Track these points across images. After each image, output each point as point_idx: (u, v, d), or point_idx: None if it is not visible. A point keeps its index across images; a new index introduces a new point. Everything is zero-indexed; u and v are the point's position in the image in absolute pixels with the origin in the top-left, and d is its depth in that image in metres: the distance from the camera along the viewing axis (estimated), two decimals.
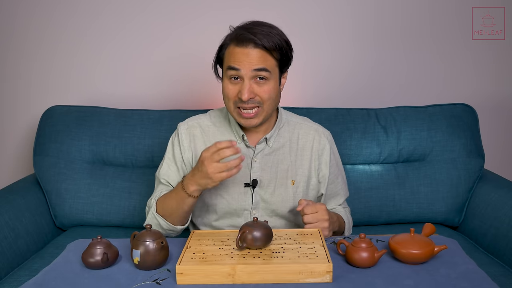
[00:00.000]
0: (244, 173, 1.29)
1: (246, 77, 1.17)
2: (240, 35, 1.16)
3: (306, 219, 1.16)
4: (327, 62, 1.98)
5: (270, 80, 1.19)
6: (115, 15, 1.93)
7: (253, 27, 1.17)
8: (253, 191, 1.29)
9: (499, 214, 1.52)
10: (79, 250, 1.05)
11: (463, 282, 0.93)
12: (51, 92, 1.99)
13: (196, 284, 0.93)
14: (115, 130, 1.73)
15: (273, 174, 1.30)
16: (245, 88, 1.17)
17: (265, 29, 1.17)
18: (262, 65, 1.16)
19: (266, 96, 1.19)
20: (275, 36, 1.17)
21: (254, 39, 1.15)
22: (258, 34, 1.15)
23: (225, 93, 1.22)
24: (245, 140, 1.29)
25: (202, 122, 1.34)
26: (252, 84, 1.18)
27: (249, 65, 1.16)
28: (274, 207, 1.30)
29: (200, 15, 1.92)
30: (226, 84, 1.21)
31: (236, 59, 1.17)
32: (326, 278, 0.94)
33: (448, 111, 1.75)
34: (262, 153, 1.30)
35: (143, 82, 1.99)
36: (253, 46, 1.16)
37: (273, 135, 1.30)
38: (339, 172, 1.40)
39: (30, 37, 1.95)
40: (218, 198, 1.30)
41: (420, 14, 1.95)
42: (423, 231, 1.08)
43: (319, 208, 1.17)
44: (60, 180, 1.69)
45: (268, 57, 1.18)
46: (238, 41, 1.17)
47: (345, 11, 1.94)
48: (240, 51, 1.16)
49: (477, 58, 1.99)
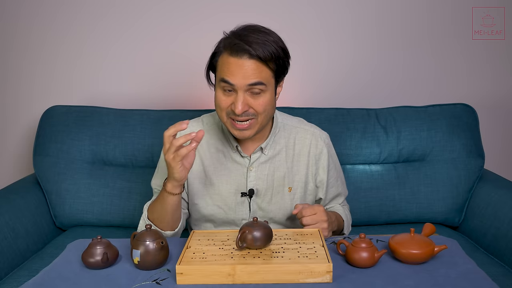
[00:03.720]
0: (240, 183, 1.27)
1: (240, 90, 1.12)
2: (234, 45, 1.11)
3: (305, 221, 1.14)
4: (327, 62, 1.98)
5: (265, 92, 1.14)
6: (117, 16, 1.93)
7: (248, 34, 1.11)
8: (250, 201, 1.28)
9: (499, 214, 1.52)
10: (79, 250, 1.05)
11: (463, 282, 0.93)
12: (52, 92, 1.99)
13: (196, 284, 0.93)
14: (115, 130, 1.73)
15: (269, 182, 1.28)
16: (238, 101, 1.11)
17: (260, 37, 1.11)
18: (257, 79, 1.11)
19: (261, 109, 1.14)
20: (271, 44, 1.11)
21: (249, 49, 1.09)
22: (253, 44, 1.09)
23: (217, 103, 1.17)
24: (239, 150, 1.26)
25: (195, 129, 1.29)
26: (246, 96, 1.13)
27: (243, 79, 1.10)
28: (272, 215, 1.29)
29: (200, 17, 1.92)
30: (219, 94, 1.16)
31: (230, 70, 1.11)
32: (326, 278, 0.94)
33: (448, 111, 1.75)
34: (258, 162, 1.27)
35: (143, 82, 1.99)
36: (248, 57, 1.10)
37: (269, 142, 1.27)
38: (338, 175, 1.39)
39: (32, 37, 1.95)
40: (216, 208, 1.28)
41: (419, 14, 1.95)
42: (423, 231, 1.08)
43: (317, 209, 1.15)
44: (60, 180, 1.69)
45: (264, 68, 1.12)
46: (232, 51, 1.11)
47: (345, 11, 1.94)
48: (234, 62, 1.11)
49: (477, 58, 1.99)
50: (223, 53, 1.14)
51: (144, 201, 1.61)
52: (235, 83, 1.11)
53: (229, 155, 1.28)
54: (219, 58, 1.16)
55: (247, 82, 1.11)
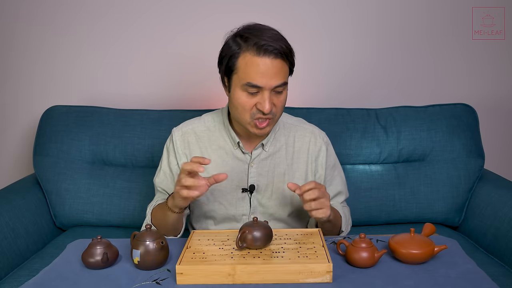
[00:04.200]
0: (241, 179, 1.28)
1: (267, 90, 1.13)
2: (260, 45, 1.10)
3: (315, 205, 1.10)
4: (327, 62, 1.98)
5: (285, 90, 1.18)
6: (116, 16, 1.93)
7: (262, 33, 1.12)
8: (251, 196, 1.29)
9: (499, 214, 1.52)
10: (79, 250, 1.05)
11: (463, 282, 0.93)
12: (51, 92, 1.99)
13: (196, 284, 0.93)
14: (115, 130, 1.73)
15: (270, 179, 1.29)
16: (266, 101, 1.13)
17: (276, 35, 1.13)
18: (283, 80, 1.14)
19: (282, 105, 1.18)
20: (285, 40, 1.15)
21: (277, 48, 1.11)
22: (276, 43, 1.11)
23: (241, 105, 1.16)
24: (241, 146, 1.28)
25: (197, 128, 1.32)
26: (271, 95, 1.15)
27: (271, 80, 1.12)
28: (272, 211, 1.30)
29: (200, 17, 1.92)
30: (241, 96, 1.15)
31: (256, 72, 1.11)
32: (326, 278, 0.94)
33: (448, 111, 1.75)
34: (258, 158, 1.29)
35: (143, 82, 1.99)
36: (274, 56, 1.11)
37: (269, 139, 1.29)
38: (338, 173, 1.39)
39: (31, 37, 1.95)
40: (216, 204, 1.30)
41: (419, 14, 1.95)
42: (423, 231, 1.08)
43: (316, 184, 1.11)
44: (60, 180, 1.69)
45: (285, 65, 1.15)
46: (260, 51, 1.11)
47: (345, 11, 1.94)
48: (261, 62, 1.11)
49: (477, 58, 1.99)
50: (246, 54, 1.13)
51: (144, 201, 1.62)
52: (263, 85, 1.13)
53: (231, 152, 1.29)
54: (239, 59, 1.14)
55: (275, 83, 1.13)
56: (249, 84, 1.13)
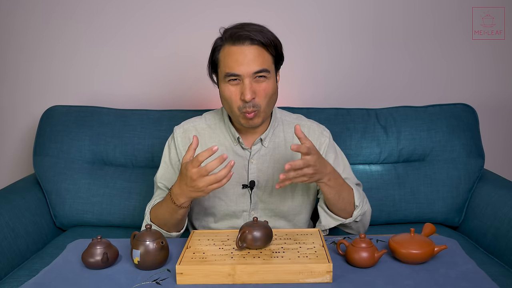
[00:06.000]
0: (241, 175, 1.29)
1: (246, 78, 1.16)
2: (235, 34, 1.16)
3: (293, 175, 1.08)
4: (327, 62, 1.98)
5: (269, 79, 1.19)
6: (115, 15, 1.93)
7: (244, 25, 1.18)
8: (251, 192, 1.29)
9: (499, 214, 1.52)
10: (79, 250, 1.06)
11: (463, 282, 0.93)
12: (51, 92, 1.99)
13: (196, 284, 0.94)
14: (115, 130, 1.73)
15: (270, 174, 1.30)
16: (246, 88, 1.15)
17: (257, 27, 1.18)
18: (261, 67, 1.16)
19: (267, 94, 1.18)
20: (268, 32, 1.18)
21: (249, 35, 1.14)
22: (252, 31, 1.15)
23: (227, 97, 1.19)
24: (241, 142, 1.29)
25: (198, 125, 1.34)
26: (252, 83, 1.16)
27: (248, 66, 1.15)
28: (273, 206, 1.31)
29: (200, 15, 1.92)
30: (225, 87, 1.19)
31: (234, 60, 1.15)
32: (326, 278, 0.94)
33: (448, 111, 1.75)
34: (258, 154, 1.30)
35: (143, 82, 1.99)
36: (250, 43, 1.15)
37: (268, 135, 1.30)
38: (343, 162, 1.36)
39: (29, 37, 1.95)
40: (216, 200, 1.30)
41: (419, 14, 1.95)
42: (423, 231, 1.08)
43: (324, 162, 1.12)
44: (60, 180, 1.69)
45: (266, 54, 1.18)
46: (234, 40, 1.16)
47: (344, 11, 1.94)
48: (237, 50, 1.15)
49: (477, 58, 1.99)
50: (224, 46, 1.19)
51: (144, 201, 1.62)
52: (241, 73, 1.15)
53: (231, 148, 1.30)
54: (220, 52, 1.20)
55: (253, 70, 1.15)
56: (228, 74, 1.17)
